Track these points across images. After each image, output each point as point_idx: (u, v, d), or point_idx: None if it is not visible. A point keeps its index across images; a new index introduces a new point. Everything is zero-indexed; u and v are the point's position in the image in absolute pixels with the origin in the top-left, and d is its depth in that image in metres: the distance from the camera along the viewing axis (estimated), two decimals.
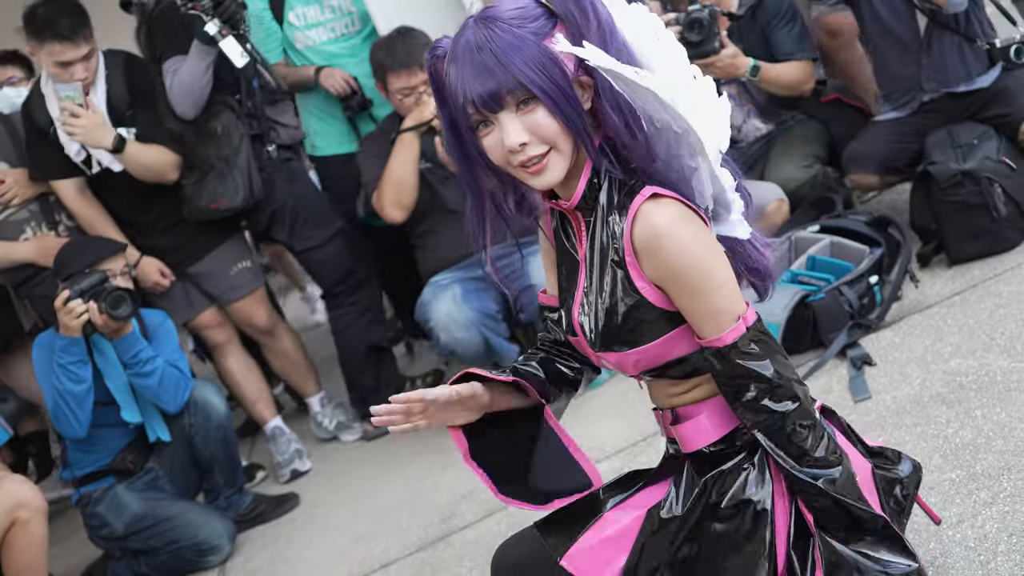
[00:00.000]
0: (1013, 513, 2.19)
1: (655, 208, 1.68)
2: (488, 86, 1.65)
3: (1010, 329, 2.89)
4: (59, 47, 3.69)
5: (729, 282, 1.70)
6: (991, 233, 3.40)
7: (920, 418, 2.67)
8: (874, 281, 3.33)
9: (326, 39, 4.25)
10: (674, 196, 1.70)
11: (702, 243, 1.68)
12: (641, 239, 1.69)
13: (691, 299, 1.69)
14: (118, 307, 3.42)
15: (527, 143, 1.69)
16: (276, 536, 3.69)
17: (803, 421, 1.71)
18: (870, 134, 3.84)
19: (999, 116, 3.53)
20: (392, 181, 3.84)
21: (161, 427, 3.67)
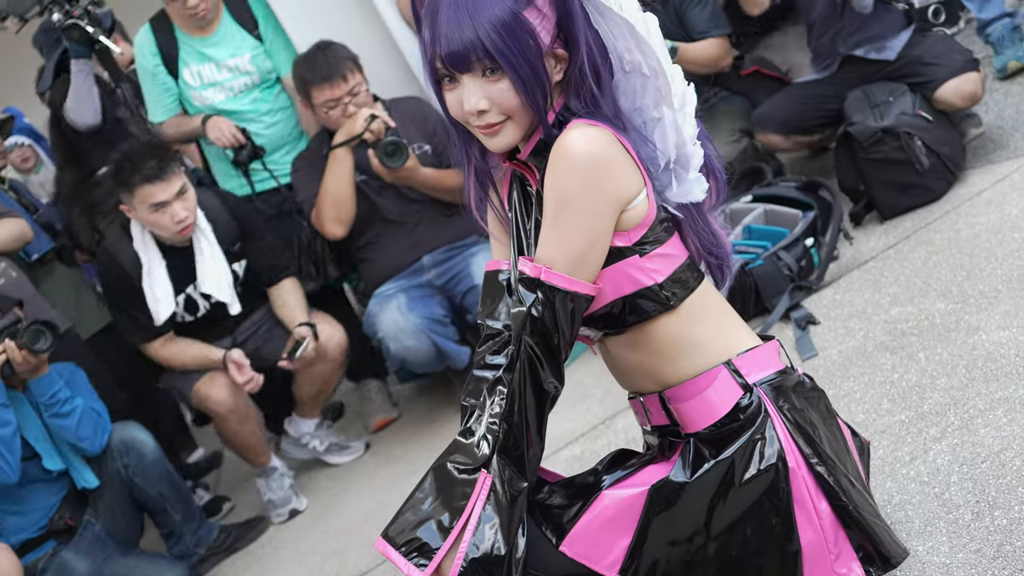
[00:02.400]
0: (962, 444, 2.24)
1: (572, 131, 1.68)
2: (459, 47, 1.65)
3: (944, 274, 2.95)
4: (150, 188, 3.58)
5: (566, 236, 1.68)
6: (917, 186, 3.46)
7: (866, 368, 2.72)
8: (810, 243, 3.39)
9: (223, 98, 4.12)
10: (615, 135, 1.70)
11: (574, 187, 1.67)
12: (551, 154, 1.70)
13: (544, 223, 1.71)
14: (37, 340, 3.32)
15: (486, 111, 1.70)
16: (247, 564, 3.67)
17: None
18: (779, 97, 3.92)
19: (914, 79, 3.59)
20: (329, 197, 3.83)
21: (87, 473, 3.54)
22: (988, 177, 3.36)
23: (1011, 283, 2.71)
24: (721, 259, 1.90)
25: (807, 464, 1.78)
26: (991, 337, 2.54)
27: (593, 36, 1.71)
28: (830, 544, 1.79)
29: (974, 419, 2.29)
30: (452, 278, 3.91)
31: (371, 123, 3.72)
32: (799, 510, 1.77)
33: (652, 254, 1.76)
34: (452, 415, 3.91)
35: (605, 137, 1.69)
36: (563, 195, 1.68)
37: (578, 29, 1.69)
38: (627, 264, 1.75)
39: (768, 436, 1.78)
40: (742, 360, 1.83)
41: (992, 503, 2.03)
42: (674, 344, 1.82)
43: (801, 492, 1.77)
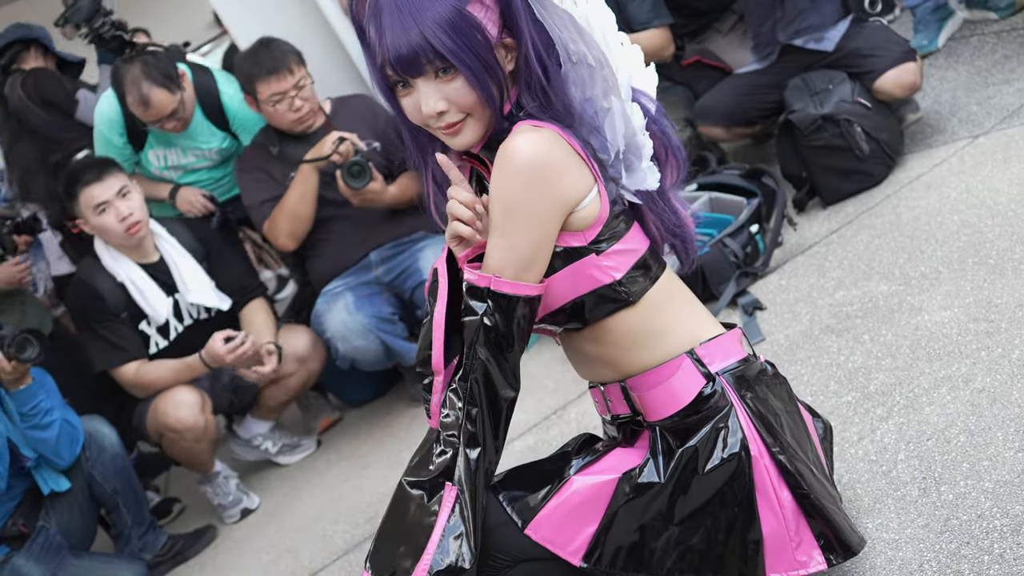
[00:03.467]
0: (908, 423, 2.28)
1: (518, 135, 1.68)
2: (408, 52, 1.64)
3: (886, 257, 3.00)
4: (89, 191, 3.61)
5: (515, 241, 1.68)
6: (858, 171, 3.51)
7: (813, 351, 2.76)
8: (755, 230, 3.43)
9: (182, 174, 4.17)
10: (562, 135, 1.69)
11: (517, 193, 1.67)
12: (496, 159, 1.70)
13: (491, 228, 1.71)
14: (24, 350, 3.27)
15: (445, 111, 1.70)
16: (201, 564, 3.64)
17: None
18: (720, 88, 3.95)
19: (853, 70, 3.64)
20: (288, 214, 3.81)
21: (56, 477, 3.49)
22: (926, 161, 3.42)
23: (951, 264, 2.77)
24: (685, 239, 1.91)
25: (769, 453, 1.81)
26: (933, 317, 2.59)
27: (537, 28, 1.70)
28: (791, 532, 1.81)
29: (919, 398, 2.34)
30: (400, 274, 3.90)
31: (339, 145, 3.71)
32: (761, 499, 1.79)
33: (609, 251, 1.77)
34: (402, 409, 3.90)
35: (548, 141, 1.69)
36: (507, 203, 1.68)
37: (520, 20, 1.69)
38: (584, 263, 1.76)
39: (731, 425, 1.79)
40: (705, 349, 1.85)
41: (938, 479, 2.07)
42: (635, 336, 1.83)
43: (763, 481, 1.79)
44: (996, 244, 2.74)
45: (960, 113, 3.61)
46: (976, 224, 2.88)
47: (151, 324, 3.77)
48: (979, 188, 3.05)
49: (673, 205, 1.90)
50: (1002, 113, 3.43)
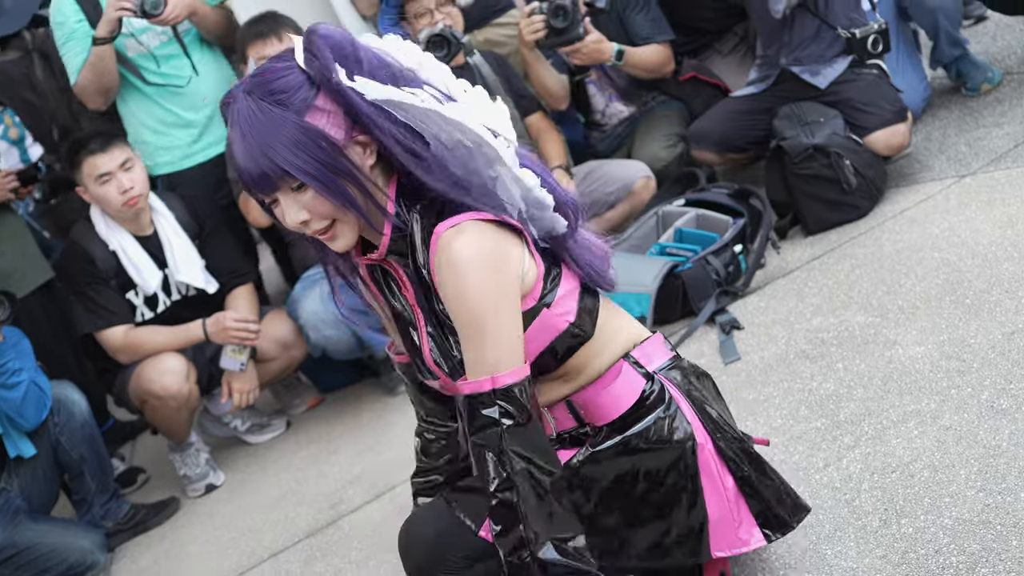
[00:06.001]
0: (874, 454, 2.31)
1: (452, 242, 1.70)
2: (258, 176, 1.69)
3: (866, 287, 3.04)
4: (92, 160, 3.63)
5: (494, 338, 1.71)
6: (844, 204, 3.54)
7: (786, 374, 2.80)
8: (738, 250, 3.46)
9: (157, 44, 3.98)
10: (479, 218, 1.72)
11: (484, 291, 1.70)
12: (437, 270, 1.72)
13: (461, 334, 1.74)
14: None
15: (308, 220, 1.73)
16: (161, 535, 3.64)
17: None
18: (714, 112, 3.99)
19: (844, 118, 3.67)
20: None
21: (23, 442, 3.48)
22: (912, 197, 3.46)
23: (929, 300, 2.80)
24: (601, 270, 1.94)
25: (712, 440, 1.89)
26: (907, 352, 2.63)
27: (391, 121, 1.71)
28: (734, 513, 1.89)
29: (887, 430, 2.38)
30: None
31: None
32: (706, 483, 1.87)
33: (556, 300, 1.83)
34: (374, 397, 3.91)
35: (478, 232, 1.71)
36: (476, 306, 1.71)
37: (367, 116, 1.69)
38: (542, 319, 1.82)
39: (676, 415, 1.87)
40: (640, 351, 1.94)
41: (900, 511, 2.11)
42: (585, 360, 1.90)
43: (708, 466, 1.87)
44: (974, 284, 2.78)
45: (949, 151, 3.65)
46: (956, 263, 2.92)
47: (139, 295, 3.77)
48: (962, 228, 3.09)
49: (583, 236, 1.94)
50: (990, 155, 3.48)
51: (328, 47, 1.67)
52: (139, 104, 4.05)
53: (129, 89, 4.02)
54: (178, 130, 4.07)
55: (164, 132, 4.05)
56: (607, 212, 3.89)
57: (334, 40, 1.69)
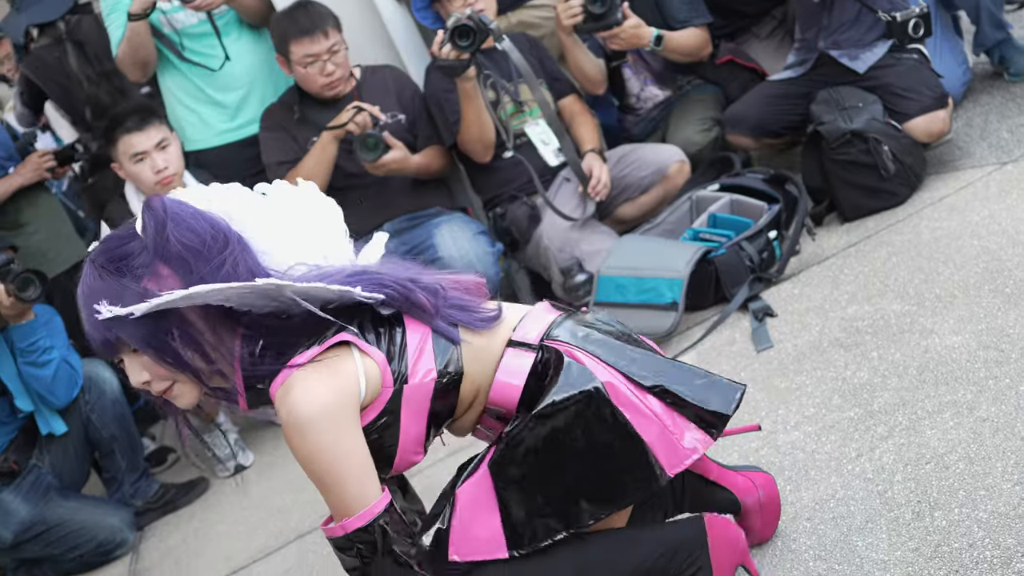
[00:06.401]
0: (908, 445, 2.27)
1: (282, 407, 1.72)
2: (98, 343, 1.74)
3: (902, 275, 2.98)
4: (128, 139, 3.66)
5: (340, 487, 1.73)
6: (882, 190, 3.48)
7: (820, 363, 2.75)
8: (773, 236, 3.41)
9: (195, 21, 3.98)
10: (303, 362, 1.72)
11: (321, 450, 1.71)
12: (283, 429, 1.74)
13: (314, 483, 1.76)
14: (26, 289, 3.30)
15: (149, 381, 1.77)
16: (190, 515, 3.66)
17: None
18: (751, 96, 3.93)
19: (883, 103, 3.60)
20: (302, 178, 3.79)
21: (55, 419, 3.55)
22: (952, 183, 3.40)
23: (967, 289, 2.75)
24: (467, 309, 1.91)
25: (622, 374, 1.85)
26: (944, 341, 2.58)
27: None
28: (670, 428, 1.84)
29: (921, 420, 2.33)
30: (413, 248, 3.88)
31: (355, 115, 3.71)
32: (631, 414, 1.82)
33: (411, 370, 1.81)
34: None
35: (303, 384, 1.71)
36: (318, 465, 1.72)
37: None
38: (407, 398, 1.80)
39: (573, 368, 1.82)
40: (518, 332, 1.91)
41: (933, 504, 2.07)
42: (474, 384, 1.89)
43: (626, 398, 1.83)
44: (1014, 273, 2.72)
45: (990, 138, 3.58)
46: (996, 251, 2.86)
47: None
48: (1003, 215, 3.03)
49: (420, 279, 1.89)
50: None
51: (153, 224, 1.73)
52: (174, 80, 4.06)
53: (165, 64, 4.04)
54: (210, 108, 4.06)
55: (196, 109, 4.04)
56: (640, 196, 3.85)
57: (156, 218, 1.73)
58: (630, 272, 3.36)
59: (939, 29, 3.87)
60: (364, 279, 1.81)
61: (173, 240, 1.71)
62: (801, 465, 2.37)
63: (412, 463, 1.89)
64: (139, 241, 1.74)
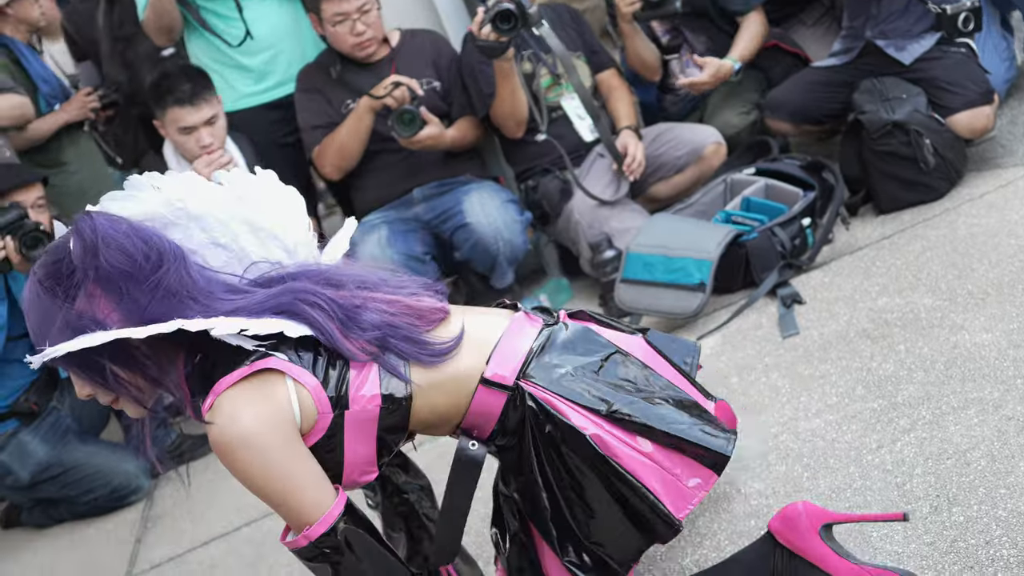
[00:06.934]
0: (930, 439, 2.24)
1: (212, 429, 1.66)
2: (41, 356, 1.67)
3: (936, 270, 2.94)
4: (180, 111, 3.65)
5: (289, 498, 1.67)
6: (920, 184, 3.43)
7: (845, 352, 2.72)
8: (807, 223, 3.37)
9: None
10: (230, 383, 1.66)
11: (256, 469, 1.66)
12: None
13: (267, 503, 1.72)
14: (35, 247, 3.29)
15: (90, 394, 1.75)
16: (204, 466, 3.66)
17: None
18: (793, 82, 3.88)
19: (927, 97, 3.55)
20: (338, 146, 3.80)
21: None
22: (993, 181, 3.34)
23: (1001, 287, 2.70)
24: (407, 331, 1.79)
25: (608, 420, 1.76)
26: (974, 338, 2.54)
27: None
28: (671, 471, 1.76)
29: (945, 416, 2.30)
30: (441, 214, 3.87)
31: (393, 90, 3.69)
32: (626, 463, 1.74)
33: (353, 396, 1.73)
34: None
35: (242, 402, 1.65)
36: (257, 484, 1.68)
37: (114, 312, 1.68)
38: (349, 424, 1.73)
39: (551, 417, 1.75)
40: (492, 365, 1.80)
41: (952, 499, 2.04)
42: (435, 407, 1.80)
43: (615, 447, 1.75)
44: None
45: None
46: None
47: None
48: None
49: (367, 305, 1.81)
50: None
51: (79, 246, 1.67)
52: (199, 45, 4.06)
53: (190, 28, 4.03)
54: (235, 72, 4.05)
55: (221, 72, 4.01)
56: (675, 176, 3.82)
57: (83, 239, 1.67)
58: (659, 250, 3.33)
59: (988, 25, 3.80)
60: (301, 300, 1.73)
61: (103, 263, 1.65)
62: (820, 453, 2.35)
63: (365, 482, 1.80)
64: (69, 262, 1.68)
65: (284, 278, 1.77)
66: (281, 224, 1.86)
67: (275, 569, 2.82)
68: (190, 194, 1.79)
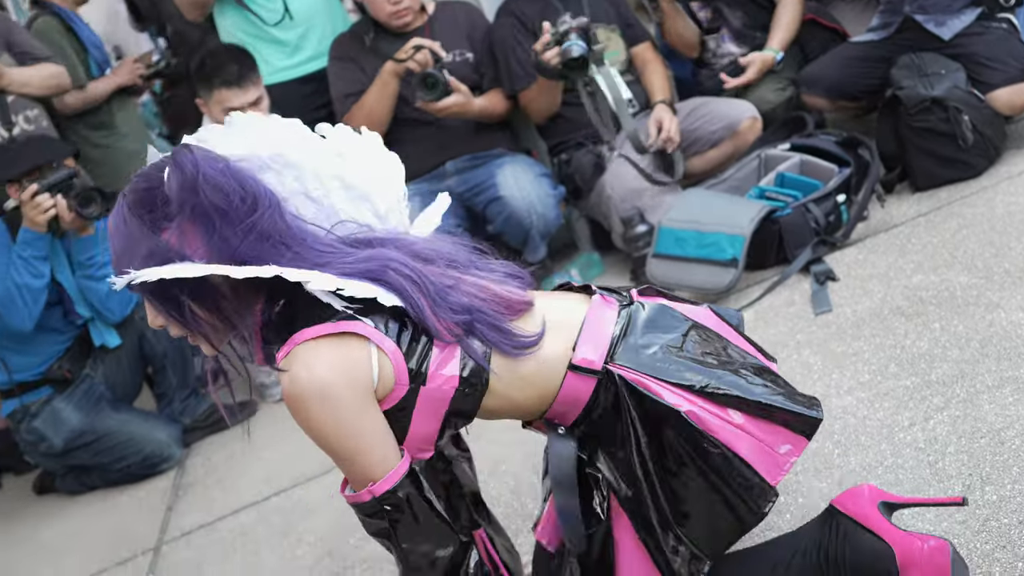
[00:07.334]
0: (964, 417, 2.21)
1: (286, 376, 1.62)
2: (121, 280, 1.66)
3: (972, 248, 2.91)
4: (227, 93, 3.63)
5: (358, 454, 1.64)
6: (958, 161, 3.39)
7: (879, 329, 2.69)
8: (841, 200, 3.34)
9: None
10: (314, 336, 1.62)
11: (328, 422, 1.61)
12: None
13: (333, 458, 1.69)
14: (88, 205, 3.33)
15: (162, 325, 1.72)
16: (236, 435, 3.69)
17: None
18: (830, 57, 3.84)
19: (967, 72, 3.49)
20: (366, 112, 3.79)
21: (109, 332, 3.60)
22: None
23: None
24: (494, 318, 1.75)
25: (699, 395, 1.72)
26: (1010, 317, 2.51)
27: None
28: (762, 438, 1.73)
29: (980, 394, 2.27)
30: (474, 187, 3.86)
31: (415, 53, 3.67)
32: (723, 436, 1.71)
33: (431, 373, 1.69)
34: None
35: (309, 356, 1.61)
36: (324, 438, 1.64)
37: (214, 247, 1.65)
38: (422, 400, 1.70)
39: (643, 399, 1.72)
40: (580, 350, 1.76)
41: (985, 478, 2.01)
42: (512, 397, 1.77)
43: (709, 421, 1.71)
44: None
45: None
46: None
47: None
48: None
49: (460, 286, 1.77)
50: None
51: (176, 180, 1.63)
52: (231, 18, 4.05)
53: (222, 2, 4.03)
54: (269, 46, 4.04)
55: (254, 47, 3.98)
56: (709, 151, 3.79)
57: (183, 174, 1.64)
58: (692, 225, 3.30)
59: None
60: (393, 269, 1.69)
61: (201, 199, 1.63)
62: (852, 430, 2.33)
63: (419, 459, 1.77)
64: (163, 191, 1.65)
65: (373, 242, 1.74)
66: (376, 187, 1.82)
67: (304, 537, 2.84)
68: (291, 141, 1.76)
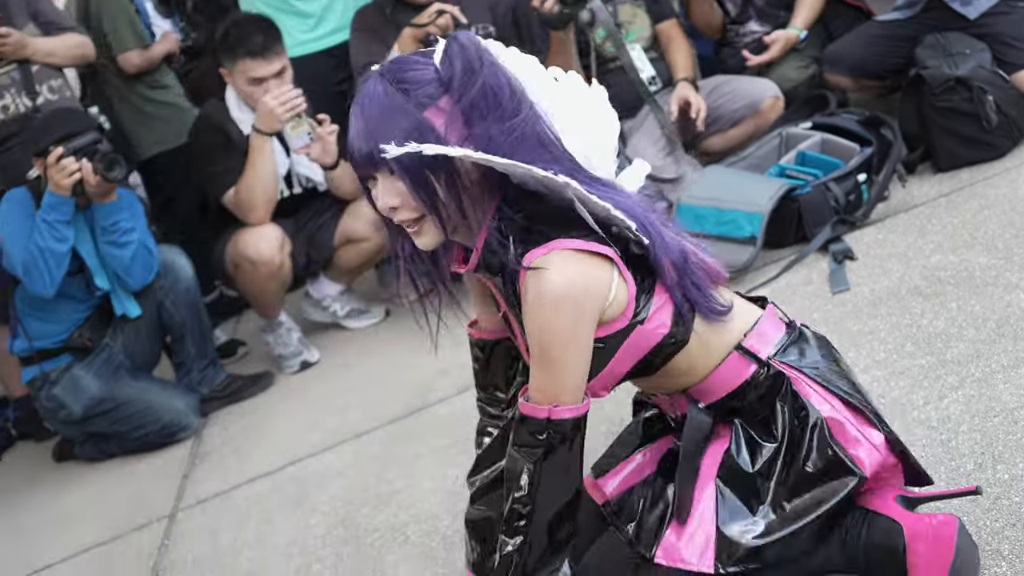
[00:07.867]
0: (978, 397, 2.20)
1: (538, 275, 1.64)
2: (360, 157, 1.66)
3: (992, 229, 2.88)
4: (251, 63, 3.64)
5: (561, 371, 1.68)
6: (981, 141, 3.36)
7: (896, 308, 2.68)
8: (862, 179, 3.32)
9: None
10: (568, 247, 1.65)
11: (560, 330, 1.65)
12: (524, 298, 1.68)
13: (533, 357, 1.70)
14: (112, 169, 3.34)
15: (397, 207, 1.69)
16: (253, 407, 3.71)
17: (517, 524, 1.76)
18: (854, 36, 3.81)
19: (992, 52, 3.46)
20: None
21: (130, 301, 3.62)
22: None
23: None
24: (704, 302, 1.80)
25: (843, 401, 1.79)
26: None
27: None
28: (884, 474, 1.80)
29: (995, 374, 2.26)
30: None
31: (437, 18, 3.65)
32: (853, 448, 1.76)
33: (650, 315, 1.74)
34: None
35: (563, 264, 1.64)
36: (550, 338, 1.66)
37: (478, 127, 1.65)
38: (635, 336, 1.74)
39: (796, 399, 1.78)
40: (752, 338, 1.83)
41: (997, 457, 2.01)
42: (687, 363, 1.82)
43: (849, 433, 1.77)
44: None
45: None
46: None
47: None
48: None
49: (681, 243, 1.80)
50: None
51: (461, 61, 1.65)
52: None
53: None
54: (291, 18, 4.04)
55: (277, 18, 3.94)
56: (730, 129, 3.77)
57: (467, 56, 1.65)
58: (711, 203, 3.29)
59: None
60: (630, 210, 1.72)
61: (479, 84, 1.64)
62: None
63: (599, 395, 1.82)
64: (432, 70, 1.66)
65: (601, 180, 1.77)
66: (594, 139, 1.81)
67: (318, 507, 2.86)
68: (534, 76, 1.76)
